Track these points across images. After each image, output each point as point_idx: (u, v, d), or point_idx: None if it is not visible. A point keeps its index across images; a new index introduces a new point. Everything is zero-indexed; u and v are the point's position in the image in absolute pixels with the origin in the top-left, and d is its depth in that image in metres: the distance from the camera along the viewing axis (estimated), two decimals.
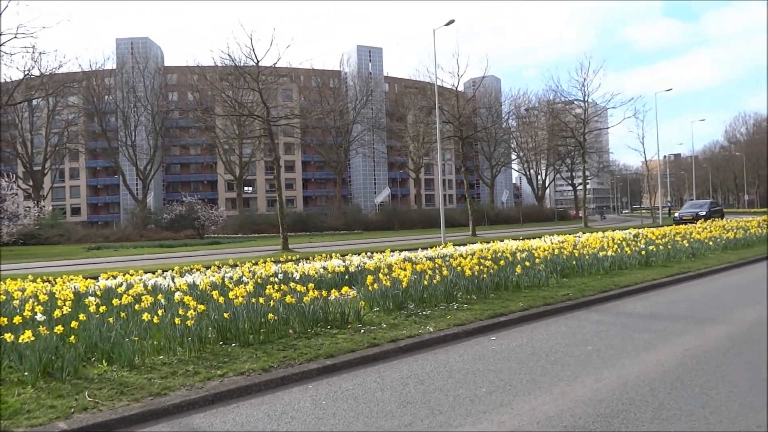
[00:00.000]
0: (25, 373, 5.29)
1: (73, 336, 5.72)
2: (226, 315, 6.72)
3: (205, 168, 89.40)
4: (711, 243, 16.79)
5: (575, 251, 13.19)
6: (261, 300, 7.15)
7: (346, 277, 10.83)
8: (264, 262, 12.19)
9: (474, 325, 7.51)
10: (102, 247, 37.02)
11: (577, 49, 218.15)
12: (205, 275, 10.30)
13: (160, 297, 7.53)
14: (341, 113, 67.21)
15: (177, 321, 6.34)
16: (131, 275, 10.56)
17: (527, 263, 11.01)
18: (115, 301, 7.08)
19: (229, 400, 5.04)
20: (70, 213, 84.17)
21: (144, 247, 35.72)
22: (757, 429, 4.05)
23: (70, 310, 6.67)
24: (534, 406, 4.63)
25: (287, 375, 5.54)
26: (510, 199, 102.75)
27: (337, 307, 7.65)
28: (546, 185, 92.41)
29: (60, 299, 7.32)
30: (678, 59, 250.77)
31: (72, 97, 63.85)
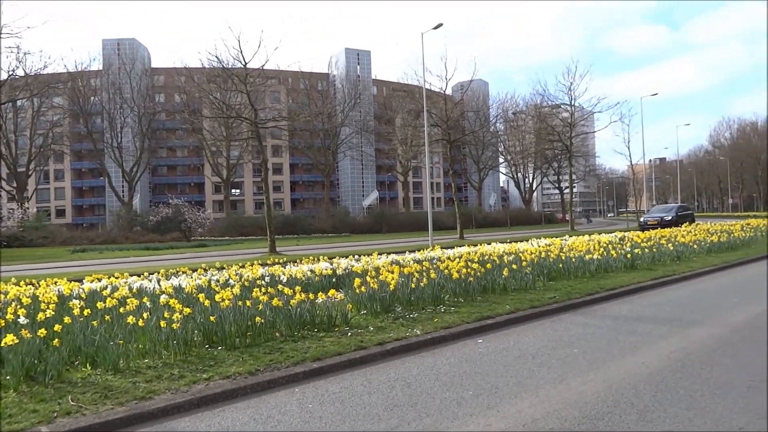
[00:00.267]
0: (7, 377, 5.23)
1: (57, 339, 5.66)
2: (212, 318, 6.68)
3: (192, 170, 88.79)
4: (695, 246, 17.00)
5: (562, 254, 13.29)
6: (248, 303, 7.12)
7: (333, 280, 10.83)
8: (251, 264, 12.14)
9: (461, 328, 7.53)
10: (87, 250, 36.68)
11: (564, 53, 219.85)
12: (192, 278, 10.26)
13: (145, 300, 7.49)
14: (329, 116, 67.17)
15: (162, 324, 6.28)
16: (116, 278, 10.47)
17: (514, 266, 11.06)
18: (100, 304, 7.00)
19: (215, 403, 5.00)
20: (54, 215, 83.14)
21: (130, 250, 35.45)
22: (741, 429, 4.09)
23: (53, 313, 6.58)
24: (520, 408, 4.65)
25: (274, 378, 5.51)
26: (497, 203, 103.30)
27: (324, 310, 7.63)
28: (533, 188, 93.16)
29: (44, 302, 7.26)
30: (663, 64, 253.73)
31: (57, 98, 63.24)
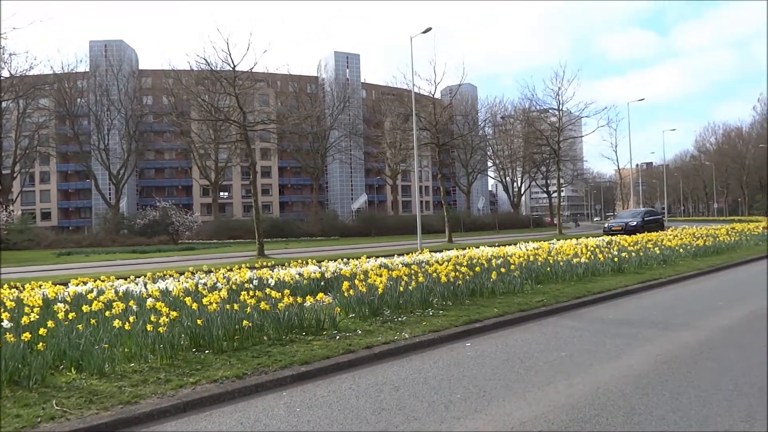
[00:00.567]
0: None
1: (41, 343, 5.59)
2: (199, 322, 6.63)
3: (180, 173, 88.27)
4: (681, 250, 17.18)
5: (550, 258, 13.35)
6: (235, 306, 7.07)
7: (321, 284, 10.81)
8: (239, 268, 12.07)
9: (449, 332, 7.53)
10: (73, 253, 36.33)
11: (553, 58, 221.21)
12: (179, 281, 10.18)
13: (131, 303, 7.42)
14: (318, 119, 66.98)
15: (149, 328, 6.22)
16: (102, 281, 10.38)
17: (502, 270, 11.09)
18: (85, 308, 6.93)
19: (202, 408, 4.96)
20: (40, 218, 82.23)
21: (116, 253, 35.09)
22: (727, 431, 4.13)
23: (38, 316, 6.50)
24: (508, 411, 4.66)
25: (261, 382, 5.48)
26: (486, 206, 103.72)
27: (313, 314, 7.59)
28: (521, 192, 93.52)
29: (28, 306, 7.17)
30: (650, 69, 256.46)
31: (43, 100, 62.49)
